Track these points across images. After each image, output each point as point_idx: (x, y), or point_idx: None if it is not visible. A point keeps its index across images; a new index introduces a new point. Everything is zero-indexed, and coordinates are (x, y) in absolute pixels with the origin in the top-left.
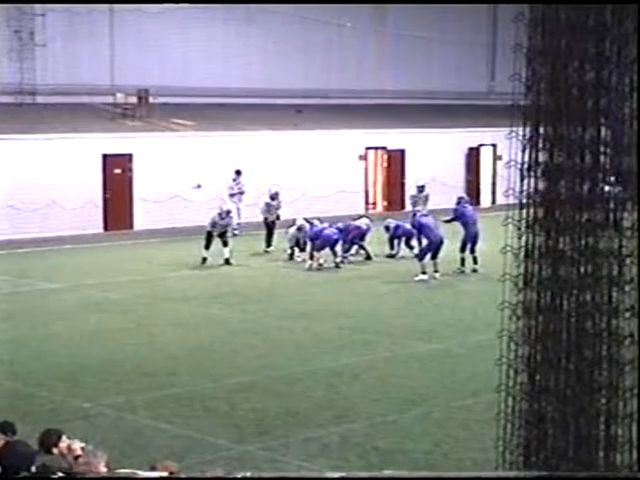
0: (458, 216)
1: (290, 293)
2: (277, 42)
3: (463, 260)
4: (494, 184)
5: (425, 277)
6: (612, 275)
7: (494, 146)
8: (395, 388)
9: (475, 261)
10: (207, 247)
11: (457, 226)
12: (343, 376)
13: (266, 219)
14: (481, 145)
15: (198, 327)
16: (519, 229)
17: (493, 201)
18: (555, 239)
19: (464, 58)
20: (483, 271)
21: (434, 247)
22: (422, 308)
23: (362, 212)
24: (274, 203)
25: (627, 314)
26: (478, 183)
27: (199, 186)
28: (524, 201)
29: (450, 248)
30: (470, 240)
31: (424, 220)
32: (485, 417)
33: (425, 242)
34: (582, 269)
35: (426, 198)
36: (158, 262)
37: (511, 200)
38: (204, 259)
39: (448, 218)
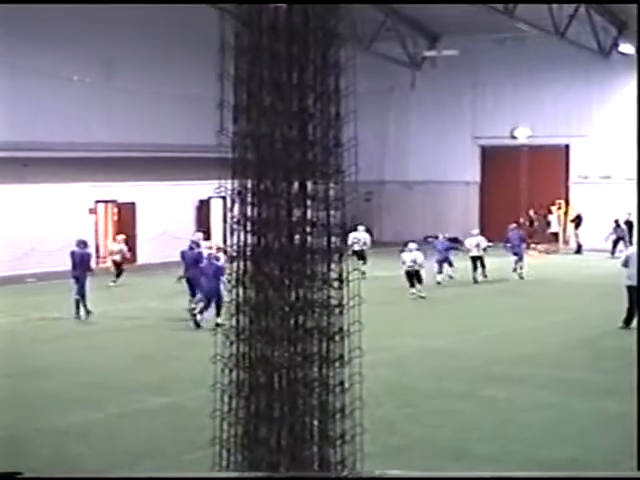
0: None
1: (18, 349)
2: None
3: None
4: (225, 236)
5: None
6: (322, 326)
7: (224, 198)
8: (124, 444)
9: None
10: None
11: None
12: (71, 434)
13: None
14: (211, 197)
15: None
16: (229, 282)
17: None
18: (265, 292)
19: (193, 111)
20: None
21: None
22: (153, 361)
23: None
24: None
25: (337, 363)
26: (209, 235)
27: None
28: (234, 255)
29: None
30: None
31: None
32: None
33: None
34: (292, 321)
35: None
36: None
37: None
38: None
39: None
